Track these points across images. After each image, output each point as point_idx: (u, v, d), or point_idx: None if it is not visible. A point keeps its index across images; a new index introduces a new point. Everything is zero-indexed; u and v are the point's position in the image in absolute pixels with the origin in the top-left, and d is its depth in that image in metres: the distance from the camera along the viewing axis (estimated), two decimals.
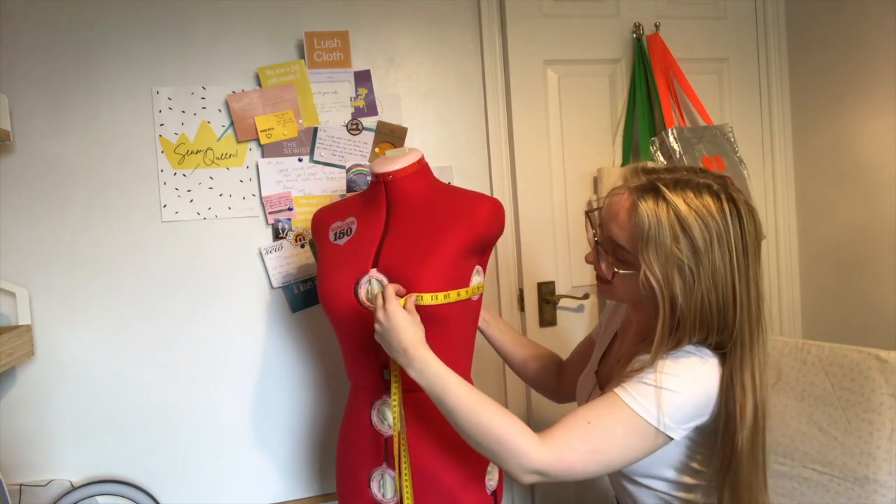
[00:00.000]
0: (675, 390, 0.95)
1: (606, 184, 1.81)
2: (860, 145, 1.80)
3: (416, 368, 1.04)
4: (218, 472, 1.68)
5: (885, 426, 1.26)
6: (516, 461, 0.95)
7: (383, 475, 1.27)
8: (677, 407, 0.95)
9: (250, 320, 1.69)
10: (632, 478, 1.09)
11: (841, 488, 1.30)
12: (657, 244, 0.95)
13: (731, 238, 0.95)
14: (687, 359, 0.98)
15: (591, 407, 0.98)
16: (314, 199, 1.70)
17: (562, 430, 0.97)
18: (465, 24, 1.81)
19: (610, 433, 0.95)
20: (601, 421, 0.95)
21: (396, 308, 1.08)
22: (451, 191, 1.33)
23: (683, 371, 0.96)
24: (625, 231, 1.00)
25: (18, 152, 1.55)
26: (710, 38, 1.98)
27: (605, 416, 0.96)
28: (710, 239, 0.94)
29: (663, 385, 0.95)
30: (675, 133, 1.77)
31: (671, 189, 0.97)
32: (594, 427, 0.95)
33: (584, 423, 0.96)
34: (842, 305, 1.89)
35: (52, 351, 1.58)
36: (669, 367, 0.96)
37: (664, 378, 0.95)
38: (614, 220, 1.02)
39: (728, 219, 0.95)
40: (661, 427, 0.95)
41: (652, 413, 0.94)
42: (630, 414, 0.95)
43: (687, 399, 0.96)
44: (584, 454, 0.95)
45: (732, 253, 0.95)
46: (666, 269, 0.95)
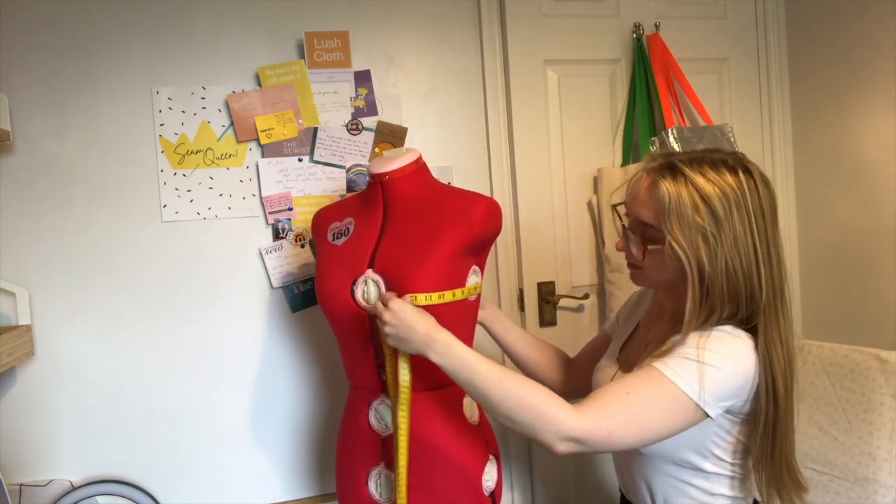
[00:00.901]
0: (717, 366, 0.96)
1: (606, 184, 1.81)
2: (860, 145, 1.80)
3: (440, 352, 1.04)
4: (218, 472, 1.68)
5: (886, 426, 1.26)
6: (553, 429, 0.95)
7: (381, 475, 1.27)
8: (718, 383, 0.96)
9: (250, 320, 1.69)
10: (651, 461, 1.09)
11: (841, 488, 1.30)
12: (679, 215, 0.99)
13: (749, 204, 0.99)
14: (726, 338, 0.99)
15: (629, 379, 0.99)
16: (314, 199, 1.70)
17: (599, 399, 0.97)
18: (465, 24, 1.81)
19: (649, 405, 0.96)
20: (641, 393, 0.96)
21: (401, 303, 1.09)
22: (448, 191, 1.33)
23: (725, 349, 0.98)
24: (648, 209, 1.04)
25: (18, 152, 1.55)
26: (710, 38, 1.98)
27: (645, 388, 0.96)
28: (728, 206, 0.98)
29: (705, 360, 0.96)
30: (675, 133, 1.77)
31: (687, 165, 1.01)
32: (633, 398, 0.95)
33: (622, 393, 0.96)
34: (842, 305, 1.89)
35: (52, 351, 1.58)
36: (711, 344, 0.97)
37: (706, 354, 0.96)
38: (637, 201, 1.07)
39: (745, 186, 1.00)
40: (700, 402, 0.95)
41: (693, 387, 0.95)
42: (671, 387, 0.95)
43: (728, 377, 0.97)
44: (621, 423, 0.95)
45: (751, 218, 0.99)
46: (690, 237, 0.99)
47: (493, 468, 1.30)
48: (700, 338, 0.99)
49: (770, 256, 1.01)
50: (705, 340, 0.98)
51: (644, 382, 0.97)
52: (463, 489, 1.24)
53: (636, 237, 1.08)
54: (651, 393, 0.96)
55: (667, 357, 0.99)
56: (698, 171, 1.00)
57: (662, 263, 1.04)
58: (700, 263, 0.99)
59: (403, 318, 1.07)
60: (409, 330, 1.06)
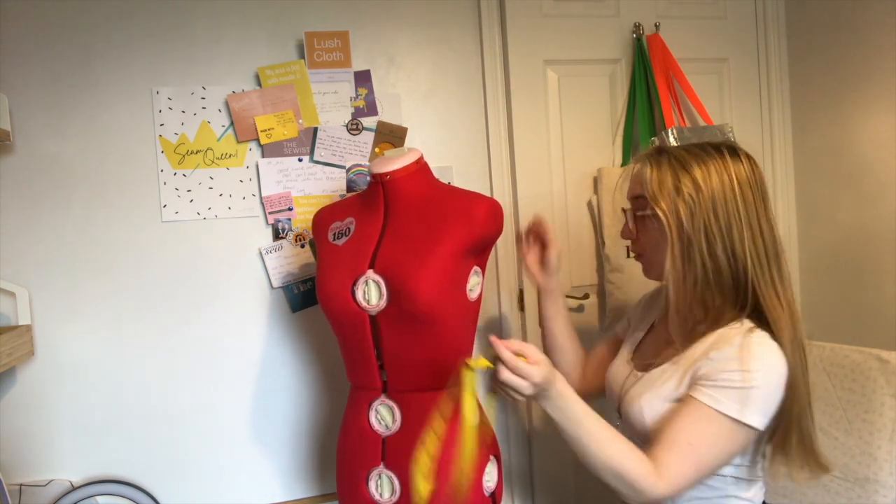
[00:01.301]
0: (761, 386, 0.98)
1: (606, 184, 1.81)
2: (860, 145, 1.80)
3: (556, 405, 1.02)
4: (218, 472, 1.68)
5: (886, 427, 1.25)
6: (637, 498, 1.00)
7: (381, 475, 1.27)
8: (764, 399, 0.99)
9: (250, 320, 1.69)
10: None
11: (841, 488, 1.30)
12: (660, 182, 1.06)
13: (732, 172, 1.04)
14: (762, 351, 1.00)
15: (684, 424, 1.01)
16: (314, 199, 1.70)
17: (671, 460, 1.00)
18: (465, 24, 1.81)
19: (712, 448, 1.00)
20: (701, 438, 0.99)
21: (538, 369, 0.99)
22: (450, 191, 1.33)
23: (761, 363, 0.99)
24: (637, 183, 1.12)
25: (18, 152, 1.55)
26: (710, 38, 1.98)
27: (704, 433, 0.99)
28: (707, 172, 1.04)
29: (750, 384, 0.98)
30: (675, 133, 1.75)
31: (674, 148, 1.11)
32: (696, 447, 0.99)
33: (685, 444, 1.00)
34: (842, 305, 1.89)
35: (52, 351, 1.58)
36: (753, 364, 0.99)
37: (749, 376, 0.98)
38: (630, 183, 1.15)
39: (727, 158, 1.06)
40: (753, 423, 0.99)
41: (744, 414, 0.98)
42: (725, 423, 0.98)
43: (772, 392, 1.00)
44: (693, 477, 1.00)
45: (733, 184, 1.04)
46: (670, 199, 1.04)
47: (493, 468, 1.30)
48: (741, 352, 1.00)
49: (752, 227, 1.03)
50: (747, 358, 0.99)
51: (701, 427, 1.00)
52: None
53: (631, 213, 1.15)
54: (711, 437, 0.99)
55: (710, 388, 1.00)
56: (682, 149, 1.09)
57: (651, 233, 1.09)
58: (679, 222, 1.03)
59: (540, 382, 1.00)
60: (540, 390, 0.99)
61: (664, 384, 1.08)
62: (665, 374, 1.09)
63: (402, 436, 1.26)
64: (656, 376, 1.11)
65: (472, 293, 1.27)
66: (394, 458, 1.26)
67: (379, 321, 1.24)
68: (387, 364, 1.26)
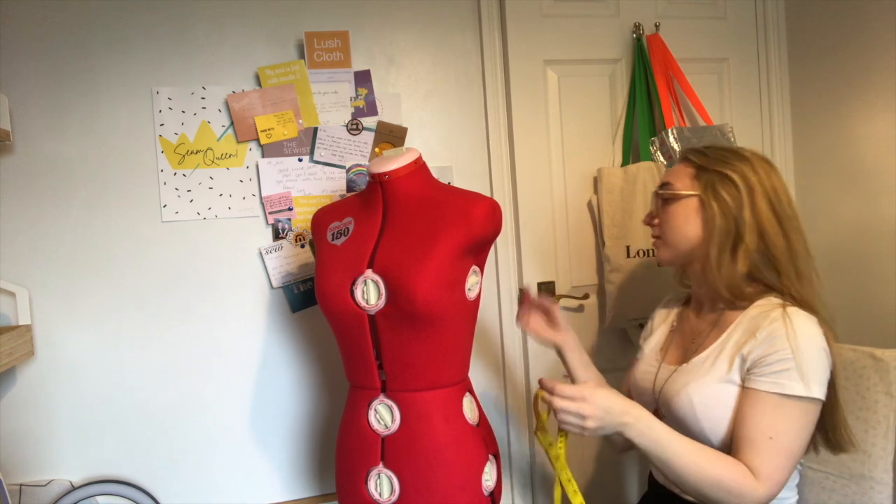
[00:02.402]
0: (813, 356, 1.02)
1: (606, 184, 1.81)
2: (860, 145, 1.80)
3: (638, 430, 1.02)
4: (218, 472, 1.68)
5: (881, 424, 1.26)
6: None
7: (380, 475, 1.27)
8: (820, 368, 1.02)
9: (250, 320, 1.69)
10: None
11: (837, 485, 1.30)
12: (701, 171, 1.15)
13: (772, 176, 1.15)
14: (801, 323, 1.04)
15: (757, 420, 1.02)
16: (314, 199, 1.70)
17: (761, 460, 1.01)
18: (465, 24, 1.81)
19: (792, 434, 1.02)
20: (781, 428, 1.01)
21: (591, 390, 1.02)
22: (448, 191, 1.33)
23: (806, 335, 1.03)
24: (673, 174, 1.19)
25: (18, 152, 1.55)
26: (710, 38, 1.98)
27: (781, 421, 1.01)
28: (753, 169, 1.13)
29: (801, 358, 1.01)
30: (675, 133, 1.77)
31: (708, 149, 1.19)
32: (778, 438, 1.01)
33: (767, 441, 1.01)
34: (841, 305, 1.89)
35: (52, 351, 1.58)
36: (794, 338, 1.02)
37: (798, 351, 1.01)
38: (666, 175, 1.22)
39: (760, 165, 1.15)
40: (819, 396, 1.02)
41: (807, 388, 1.01)
42: (797, 403, 1.01)
43: (823, 359, 1.03)
44: (787, 469, 1.02)
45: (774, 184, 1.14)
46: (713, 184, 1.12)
47: (492, 468, 1.30)
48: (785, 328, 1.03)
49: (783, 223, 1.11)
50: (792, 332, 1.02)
51: (776, 417, 1.01)
52: (463, 489, 1.24)
53: (658, 200, 1.21)
54: (787, 423, 1.01)
55: (769, 374, 1.02)
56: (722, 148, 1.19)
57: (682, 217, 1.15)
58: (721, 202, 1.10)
59: (601, 405, 1.01)
60: (606, 414, 1.01)
61: (713, 368, 1.09)
62: (709, 360, 1.11)
63: (402, 435, 1.26)
64: (699, 363, 1.12)
65: (470, 293, 1.27)
66: (393, 458, 1.26)
67: (378, 321, 1.24)
68: (386, 364, 1.26)
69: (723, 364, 1.08)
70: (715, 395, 1.07)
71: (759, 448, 1.01)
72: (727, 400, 1.06)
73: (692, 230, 1.14)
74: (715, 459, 1.02)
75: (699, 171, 1.14)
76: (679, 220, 1.15)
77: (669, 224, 1.17)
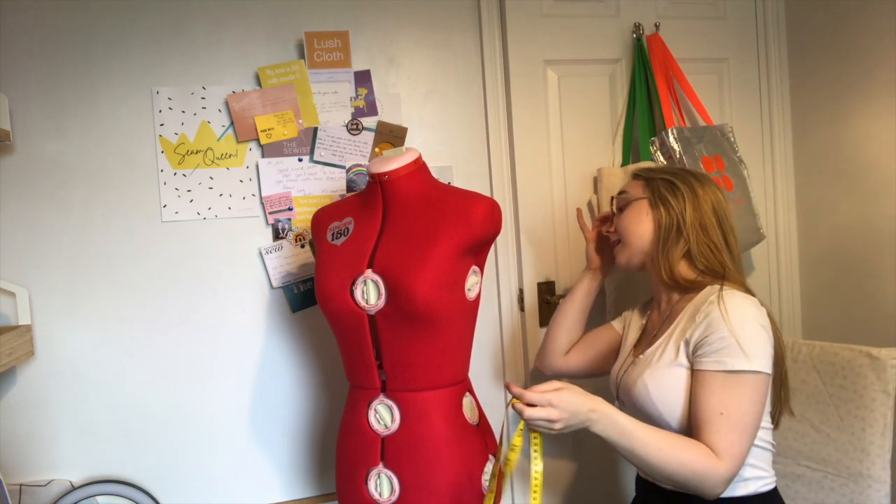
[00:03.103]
0: (751, 331, 1.07)
1: (606, 184, 1.81)
2: (860, 145, 1.80)
3: (603, 424, 1.05)
4: (218, 472, 1.68)
5: (878, 422, 1.27)
6: (710, 483, 1.05)
7: (380, 475, 1.28)
8: (761, 343, 1.08)
9: (250, 320, 1.69)
10: None
11: (835, 484, 1.31)
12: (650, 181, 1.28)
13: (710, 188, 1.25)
14: (739, 302, 1.11)
15: (706, 399, 1.07)
16: (314, 199, 1.70)
17: (717, 437, 1.05)
18: (465, 24, 1.81)
19: (743, 407, 1.05)
20: (730, 403, 1.05)
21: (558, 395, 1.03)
22: (448, 191, 1.34)
23: (741, 312, 1.09)
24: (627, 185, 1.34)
25: (18, 152, 1.55)
26: (710, 38, 1.97)
27: (729, 397, 1.05)
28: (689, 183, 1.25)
29: (740, 334, 1.06)
30: (675, 133, 1.77)
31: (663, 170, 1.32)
32: (729, 413, 1.05)
33: (719, 417, 1.05)
34: (842, 305, 1.89)
35: (52, 351, 1.58)
36: (730, 317, 1.08)
37: (736, 328, 1.07)
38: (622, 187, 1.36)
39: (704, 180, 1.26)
40: (763, 369, 1.07)
41: (753, 362, 1.06)
42: (741, 378, 1.05)
43: (763, 333, 1.09)
44: (743, 442, 1.05)
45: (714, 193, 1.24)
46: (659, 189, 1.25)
47: (492, 468, 1.30)
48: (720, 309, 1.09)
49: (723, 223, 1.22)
50: (727, 312, 1.08)
51: (724, 394, 1.06)
52: (463, 489, 1.24)
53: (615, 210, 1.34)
54: (736, 398, 1.05)
55: (711, 354, 1.08)
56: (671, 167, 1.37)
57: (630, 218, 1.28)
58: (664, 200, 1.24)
59: (567, 408, 1.02)
60: (572, 416, 1.03)
61: (662, 356, 1.16)
62: (660, 348, 1.17)
63: (402, 435, 1.26)
64: (652, 353, 1.19)
65: (470, 293, 1.27)
66: (393, 458, 1.26)
67: (378, 321, 1.24)
68: (386, 363, 1.26)
69: (671, 351, 1.15)
70: (666, 380, 1.13)
71: (713, 425, 1.05)
72: (677, 382, 1.12)
73: (644, 229, 1.25)
74: (678, 443, 1.06)
75: (648, 182, 1.28)
76: (632, 220, 1.27)
77: (624, 225, 1.29)
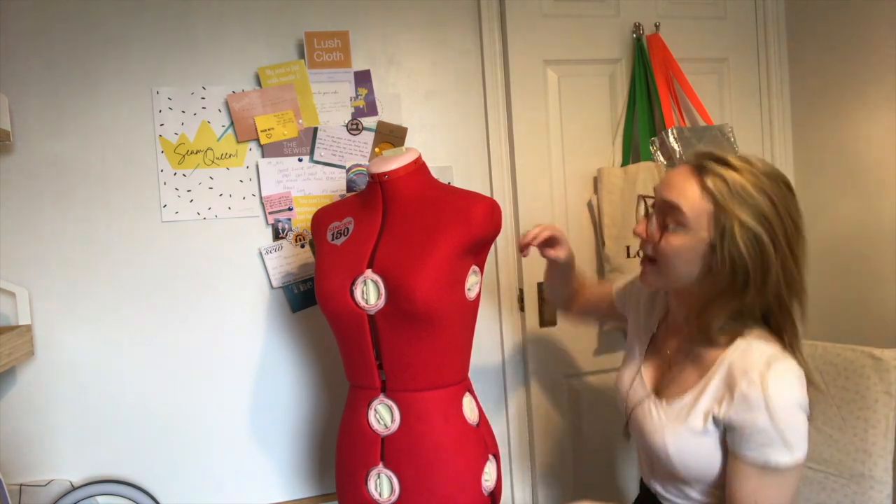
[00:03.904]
0: (794, 422, 0.95)
1: (606, 184, 1.81)
2: (860, 145, 1.80)
3: None
4: (218, 472, 1.68)
5: (880, 423, 1.26)
6: None
7: (380, 475, 1.27)
8: (802, 429, 0.96)
9: (250, 320, 1.69)
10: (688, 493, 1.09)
11: (837, 485, 1.31)
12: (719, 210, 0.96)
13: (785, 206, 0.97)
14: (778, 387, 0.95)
15: (746, 490, 0.98)
16: (314, 199, 1.70)
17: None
18: (465, 24, 1.81)
19: (781, 498, 0.97)
20: (768, 493, 0.96)
21: None
22: (448, 191, 1.34)
23: (785, 402, 0.95)
24: (684, 197, 1.00)
25: (18, 152, 1.55)
26: (710, 38, 1.98)
27: (769, 490, 0.97)
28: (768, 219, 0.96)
29: (785, 425, 0.94)
30: (675, 133, 1.77)
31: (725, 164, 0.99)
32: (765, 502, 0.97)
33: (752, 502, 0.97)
34: (842, 305, 1.89)
35: (52, 351, 1.58)
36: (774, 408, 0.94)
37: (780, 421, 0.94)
38: (673, 188, 1.02)
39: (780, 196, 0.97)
40: (803, 456, 0.96)
41: (795, 453, 0.95)
42: (783, 472, 0.96)
43: (801, 416, 0.96)
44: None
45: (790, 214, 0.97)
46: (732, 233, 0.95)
47: (492, 468, 1.30)
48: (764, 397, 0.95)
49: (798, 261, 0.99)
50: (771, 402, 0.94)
51: (762, 484, 0.97)
52: (463, 489, 1.24)
53: (660, 218, 1.04)
54: (773, 489, 0.96)
55: (753, 446, 0.96)
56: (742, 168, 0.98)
57: (683, 253, 1.01)
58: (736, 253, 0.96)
59: None
60: None
61: (688, 418, 1.04)
62: (685, 408, 1.05)
63: (401, 435, 1.26)
64: (676, 409, 1.06)
65: (470, 293, 1.27)
66: (393, 458, 1.26)
67: (378, 321, 1.24)
68: (385, 363, 1.26)
69: (698, 418, 1.02)
70: (690, 447, 1.03)
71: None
72: (701, 450, 1.02)
73: (693, 270, 1.02)
74: None
75: (717, 210, 0.97)
76: (682, 259, 1.02)
77: (669, 258, 1.03)
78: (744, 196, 0.96)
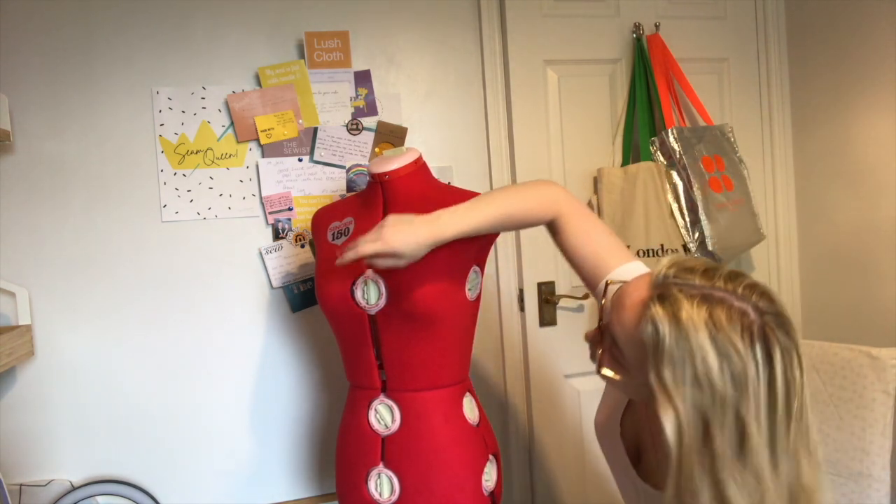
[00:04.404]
0: None
1: (606, 184, 1.81)
2: (860, 145, 1.80)
3: (455, 218, 1.03)
4: (218, 472, 1.68)
5: (878, 422, 1.27)
6: None
7: (380, 475, 1.27)
8: None
9: (250, 320, 1.69)
10: None
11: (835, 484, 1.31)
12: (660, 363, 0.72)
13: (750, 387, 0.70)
14: None
15: None
16: (314, 199, 1.70)
17: None
18: (465, 24, 1.81)
19: None
20: None
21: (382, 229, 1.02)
22: (449, 191, 1.33)
23: None
24: (626, 331, 0.78)
25: (18, 152, 1.55)
26: (710, 38, 1.98)
27: None
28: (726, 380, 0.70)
29: None
30: (675, 133, 1.77)
31: (693, 303, 0.72)
32: None
33: None
34: (842, 305, 1.89)
35: (52, 351, 1.58)
36: None
37: None
38: (619, 311, 0.80)
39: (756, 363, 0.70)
40: None
41: None
42: None
43: None
44: None
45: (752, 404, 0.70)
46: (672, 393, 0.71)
47: (492, 468, 1.30)
48: None
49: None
50: None
51: None
52: (463, 489, 1.24)
53: (609, 344, 0.83)
54: None
55: None
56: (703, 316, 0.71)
57: (618, 384, 0.84)
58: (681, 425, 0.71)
59: (394, 219, 1.02)
60: (408, 225, 1.01)
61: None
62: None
63: (402, 435, 1.26)
64: None
65: (471, 293, 1.27)
66: (393, 458, 1.26)
67: (378, 321, 1.24)
68: (386, 363, 1.26)
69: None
70: None
71: None
72: None
73: (641, 396, 0.86)
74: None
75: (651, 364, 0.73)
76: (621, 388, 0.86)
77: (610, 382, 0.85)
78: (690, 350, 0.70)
